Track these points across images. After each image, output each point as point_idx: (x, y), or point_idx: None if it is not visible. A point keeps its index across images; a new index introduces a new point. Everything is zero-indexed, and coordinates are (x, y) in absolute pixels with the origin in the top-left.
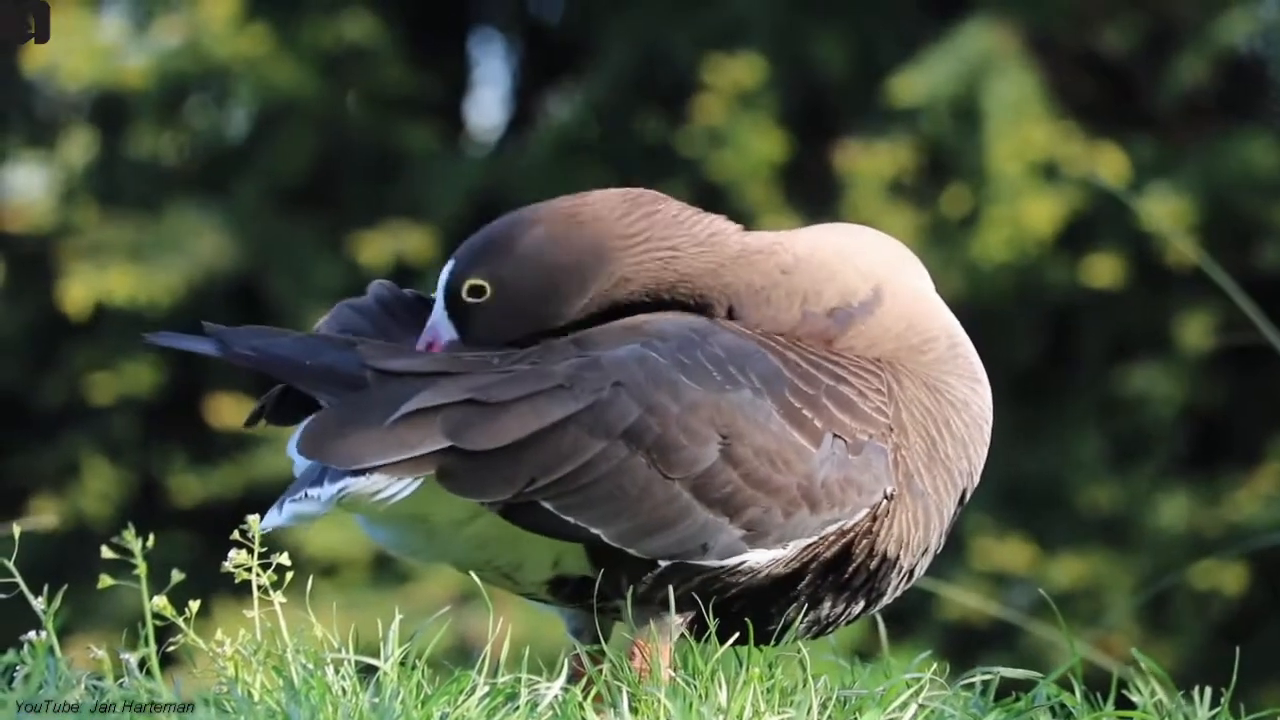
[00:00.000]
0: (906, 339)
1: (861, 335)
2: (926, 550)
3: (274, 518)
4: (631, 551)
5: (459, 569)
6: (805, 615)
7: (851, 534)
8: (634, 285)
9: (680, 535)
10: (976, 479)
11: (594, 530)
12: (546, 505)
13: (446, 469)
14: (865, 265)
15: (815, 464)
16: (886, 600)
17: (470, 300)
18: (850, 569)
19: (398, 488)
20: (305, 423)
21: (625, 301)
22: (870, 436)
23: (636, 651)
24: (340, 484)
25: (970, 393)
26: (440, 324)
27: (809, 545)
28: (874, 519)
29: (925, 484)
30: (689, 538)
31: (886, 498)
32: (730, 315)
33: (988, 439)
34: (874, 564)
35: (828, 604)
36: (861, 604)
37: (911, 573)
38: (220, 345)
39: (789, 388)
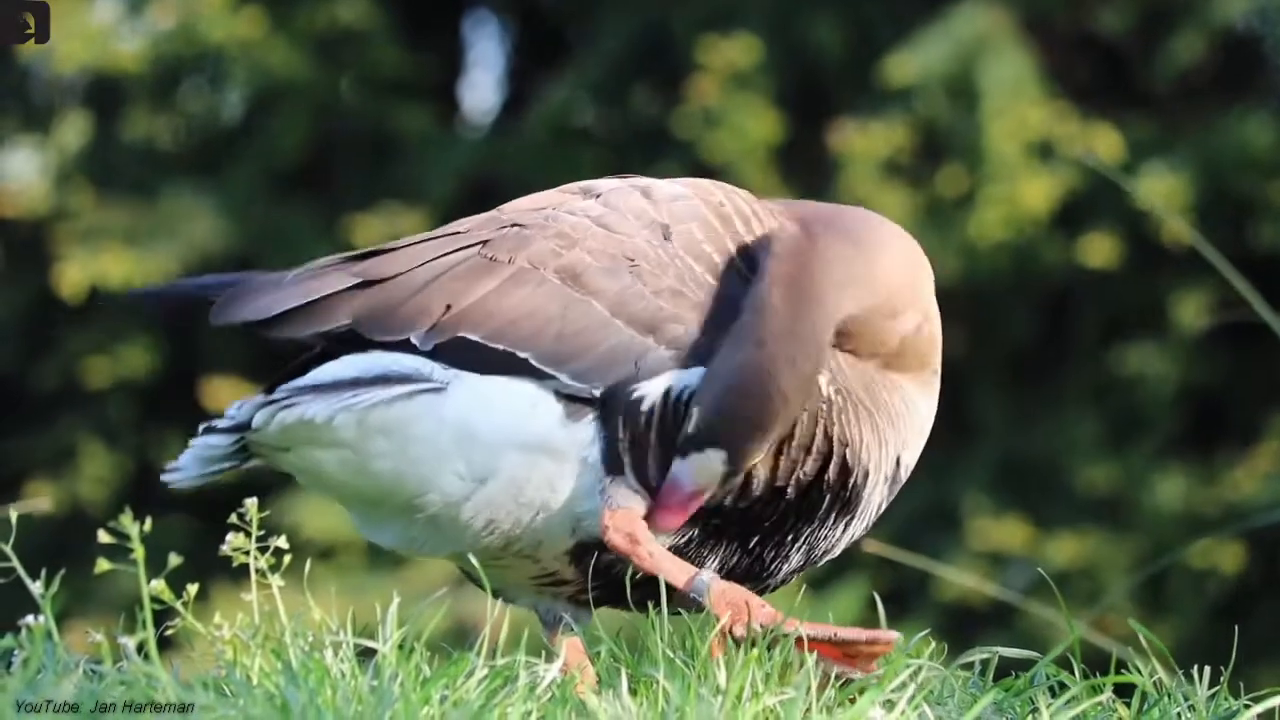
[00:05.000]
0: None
1: None
2: (901, 453)
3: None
4: (563, 378)
5: (477, 562)
6: (798, 540)
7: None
8: None
9: (608, 351)
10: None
11: (521, 354)
12: (473, 337)
13: (362, 315)
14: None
15: (726, 291)
16: (873, 516)
17: None
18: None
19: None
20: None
21: None
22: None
23: (609, 525)
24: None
25: None
26: None
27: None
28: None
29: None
30: (617, 356)
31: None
32: None
33: None
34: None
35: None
36: (845, 521)
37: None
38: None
39: (709, 242)
